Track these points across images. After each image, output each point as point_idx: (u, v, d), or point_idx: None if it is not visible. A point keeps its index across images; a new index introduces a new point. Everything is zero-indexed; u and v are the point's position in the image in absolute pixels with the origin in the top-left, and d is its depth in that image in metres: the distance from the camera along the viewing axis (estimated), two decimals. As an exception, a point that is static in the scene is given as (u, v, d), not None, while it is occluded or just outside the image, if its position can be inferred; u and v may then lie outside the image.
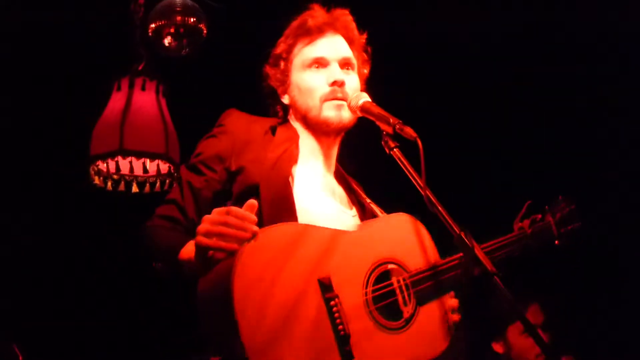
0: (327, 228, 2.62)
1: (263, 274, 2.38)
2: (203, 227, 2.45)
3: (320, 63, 2.96)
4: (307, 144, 2.99)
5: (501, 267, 2.74)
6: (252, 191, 2.69)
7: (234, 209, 2.45)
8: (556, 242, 3.22)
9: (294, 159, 2.82)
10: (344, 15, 3.07)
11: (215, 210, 2.47)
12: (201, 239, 2.44)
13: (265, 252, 2.41)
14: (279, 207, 2.61)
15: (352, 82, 2.97)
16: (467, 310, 2.80)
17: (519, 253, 3.06)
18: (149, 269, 2.76)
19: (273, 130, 2.93)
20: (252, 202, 2.47)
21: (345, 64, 2.99)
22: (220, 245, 2.42)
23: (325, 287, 2.46)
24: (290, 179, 2.74)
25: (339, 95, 2.91)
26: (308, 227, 2.55)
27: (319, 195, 2.85)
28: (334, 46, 3.00)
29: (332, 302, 2.45)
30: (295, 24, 3.05)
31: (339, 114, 2.92)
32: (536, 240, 3.15)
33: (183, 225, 2.75)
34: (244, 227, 2.41)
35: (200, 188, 2.80)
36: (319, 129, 2.96)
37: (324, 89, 2.93)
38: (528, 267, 3.90)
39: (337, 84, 2.91)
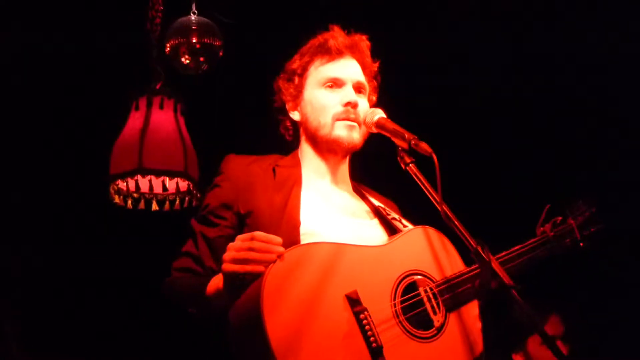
0: (351, 244, 2.65)
1: (291, 294, 2.41)
2: (228, 254, 2.49)
3: (335, 83, 2.97)
4: (314, 165, 3.00)
5: (519, 279, 2.75)
6: None
7: (258, 233, 2.49)
8: (581, 244, 3.20)
9: (299, 193, 2.84)
10: (362, 41, 3.08)
11: (239, 237, 2.51)
12: (227, 265, 2.48)
13: (292, 272, 2.44)
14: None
15: (364, 105, 2.99)
16: (485, 323, 2.80)
17: (544, 257, 3.05)
18: (187, 320, 2.81)
19: (274, 169, 2.94)
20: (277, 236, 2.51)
21: (358, 88, 3.01)
22: (246, 269, 2.44)
23: (354, 301, 2.47)
24: (299, 227, 2.76)
25: (352, 116, 2.92)
26: (333, 245, 2.57)
27: (327, 216, 2.86)
28: (350, 69, 3.01)
29: (362, 316, 2.47)
30: (315, 42, 3.06)
31: (350, 134, 2.93)
32: (560, 243, 3.12)
33: (201, 274, 2.78)
34: (269, 250, 2.45)
35: (213, 237, 2.82)
36: (328, 147, 2.97)
37: (337, 108, 2.94)
38: (547, 277, 3.90)
39: (351, 104, 2.92)
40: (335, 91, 2.96)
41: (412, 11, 4.82)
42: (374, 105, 3.09)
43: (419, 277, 2.68)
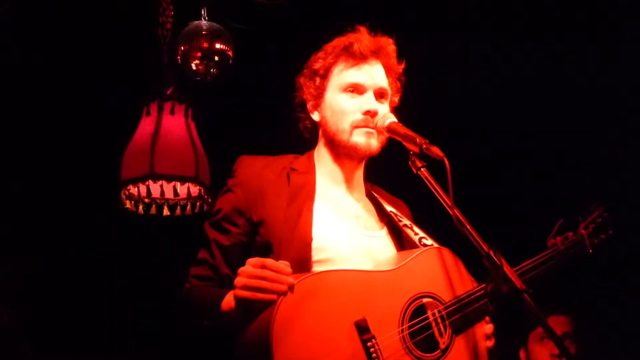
0: (361, 270, 2.67)
1: (301, 325, 2.44)
2: (240, 280, 2.51)
3: (356, 89, 2.95)
4: (329, 170, 2.99)
5: (533, 284, 2.74)
6: (272, 246, 2.73)
7: (269, 261, 2.51)
8: (590, 251, 3.20)
9: (311, 207, 2.85)
10: (389, 45, 3.05)
11: (250, 262, 2.53)
12: (239, 292, 2.50)
13: (302, 303, 2.47)
14: (298, 267, 2.64)
15: (384, 111, 2.98)
16: (498, 325, 2.81)
17: (554, 269, 3.05)
18: (199, 329, 2.83)
19: (288, 175, 2.94)
20: (286, 262, 2.53)
21: (380, 94, 2.99)
22: (258, 297, 2.47)
23: (362, 329, 2.49)
24: (311, 244, 2.78)
25: (371, 124, 2.91)
26: (342, 273, 2.59)
27: (338, 230, 2.86)
28: (373, 74, 2.97)
29: (369, 344, 2.49)
30: (340, 43, 3.02)
31: (368, 141, 2.91)
32: (570, 255, 3.13)
33: (217, 281, 2.80)
34: (280, 280, 2.46)
35: (227, 245, 2.83)
36: (345, 152, 2.96)
37: (356, 115, 2.92)
38: (561, 280, 3.89)
39: (371, 113, 2.90)
40: (356, 97, 2.94)
41: (413, 13, 4.82)
42: (395, 106, 3.07)
43: (428, 299, 2.67)
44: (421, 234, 2.94)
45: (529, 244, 3.03)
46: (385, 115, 2.92)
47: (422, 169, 2.72)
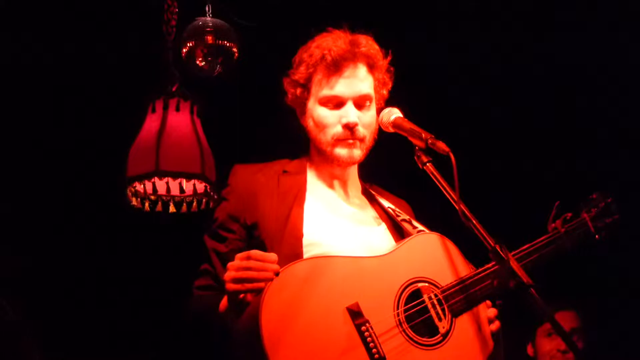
0: (351, 257, 2.67)
1: (290, 310, 2.46)
2: (229, 274, 2.56)
3: (335, 102, 2.95)
4: (320, 171, 3.02)
5: (537, 276, 2.74)
6: (266, 245, 2.76)
7: (255, 252, 2.56)
8: (596, 236, 3.17)
9: (302, 204, 2.86)
10: (367, 43, 3.01)
11: (238, 256, 2.59)
12: (229, 285, 2.56)
13: (289, 288, 2.50)
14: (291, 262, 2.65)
15: (367, 119, 2.97)
16: (503, 317, 2.81)
17: (556, 253, 3.04)
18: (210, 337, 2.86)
19: (278, 177, 2.96)
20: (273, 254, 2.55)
21: (362, 99, 2.97)
22: (246, 287, 2.51)
23: (355, 313, 2.51)
24: (302, 239, 2.80)
25: (350, 137, 2.92)
26: (332, 259, 2.61)
27: (331, 226, 2.87)
28: (351, 84, 2.94)
29: (363, 328, 2.50)
30: (315, 53, 3.00)
31: (350, 152, 2.94)
32: (572, 239, 3.11)
33: (219, 290, 2.82)
34: (265, 268, 2.51)
35: (225, 252, 2.89)
36: (330, 160, 2.98)
37: (336, 128, 2.94)
38: (567, 274, 3.88)
39: (350, 126, 2.91)
40: (335, 110, 2.94)
41: (414, 11, 4.82)
42: (386, 99, 3.07)
43: (423, 284, 2.68)
44: (420, 227, 2.95)
45: (532, 240, 3.02)
46: (391, 110, 2.93)
47: (427, 164, 2.73)
